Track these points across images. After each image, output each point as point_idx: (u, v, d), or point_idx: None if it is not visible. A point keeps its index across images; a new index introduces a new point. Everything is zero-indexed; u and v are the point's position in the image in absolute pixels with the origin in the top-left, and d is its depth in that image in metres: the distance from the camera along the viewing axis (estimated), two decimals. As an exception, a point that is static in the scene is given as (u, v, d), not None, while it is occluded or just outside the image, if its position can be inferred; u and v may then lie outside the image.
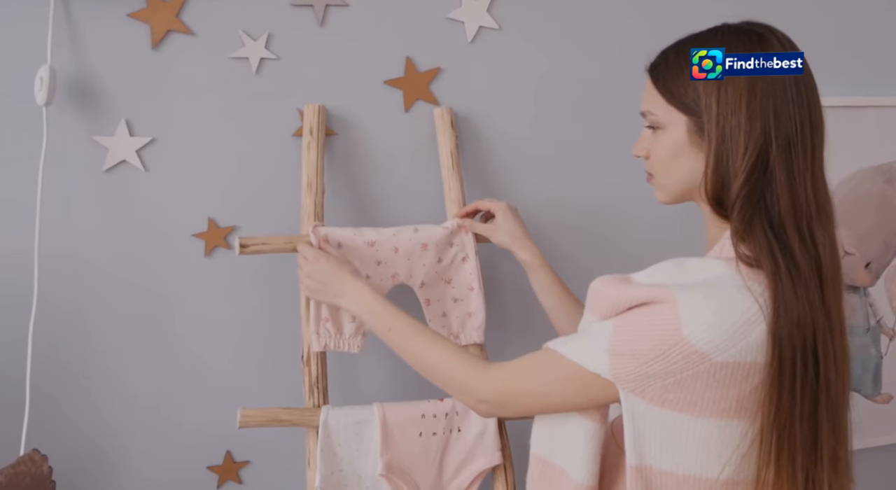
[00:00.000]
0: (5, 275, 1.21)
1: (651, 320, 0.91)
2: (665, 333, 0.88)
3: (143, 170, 1.26)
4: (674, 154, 1.01)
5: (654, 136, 1.03)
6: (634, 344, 0.91)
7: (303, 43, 1.30)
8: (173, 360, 1.31)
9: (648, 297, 0.91)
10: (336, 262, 1.18)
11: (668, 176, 1.03)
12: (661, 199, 1.06)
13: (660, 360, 0.88)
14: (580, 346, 0.96)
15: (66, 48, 1.20)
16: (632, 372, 0.90)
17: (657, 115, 1.02)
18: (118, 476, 1.30)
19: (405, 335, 1.10)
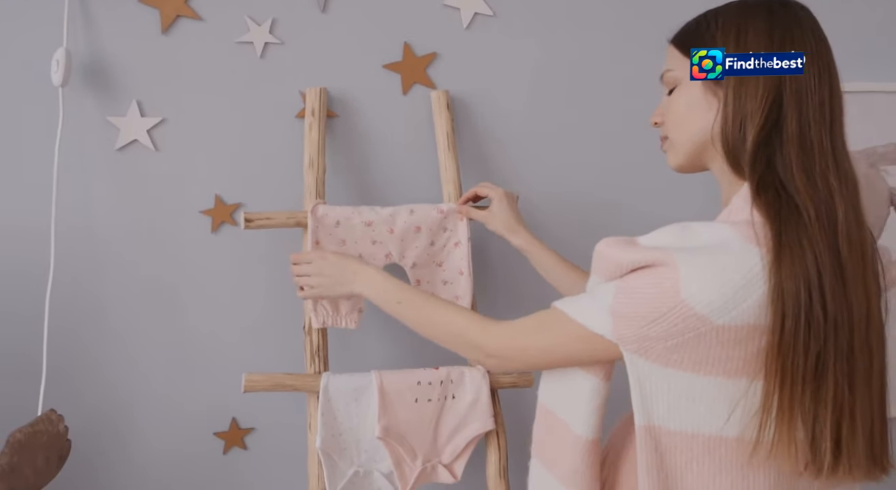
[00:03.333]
0: (23, 248, 1.30)
1: (651, 282, 0.92)
2: (664, 296, 0.90)
3: (153, 149, 1.34)
4: (689, 106, 1.02)
5: (671, 98, 1.04)
6: (635, 306, 0.93)
7: (305, 28, 1.38)
8: (182, 331, 1.39)
9: (651, 259, 0.93)
10: (337, 254, 1.24)
11: (683, 131, 1.04)
12: (674, 162, 1.06)
13: (659, 323, 0.90)
14: (584, 307, 0.98)
15: (80, 32, 1.29)
16: (633, 333, 0.92)
17: (674, 71, 1.03)
18: (129, 441, 1.38)
19: (414, 305, 1.15)
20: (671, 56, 1.04)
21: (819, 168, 0.94)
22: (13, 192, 1.31)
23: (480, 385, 1.34)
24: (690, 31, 1.03)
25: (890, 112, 1.75)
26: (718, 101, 1.00)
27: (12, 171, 1.30)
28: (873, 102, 1.72)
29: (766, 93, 0.96)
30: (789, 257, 0.87)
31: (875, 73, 1.72)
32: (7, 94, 1.28)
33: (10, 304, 1.31)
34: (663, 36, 1.03)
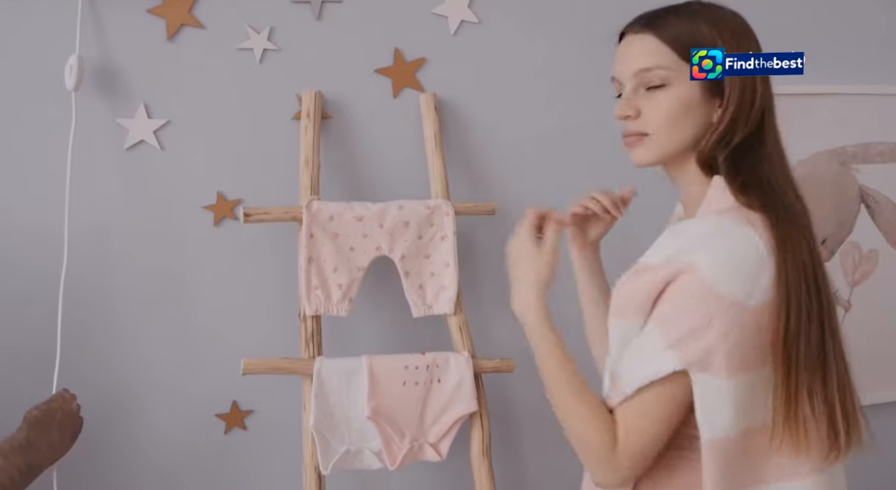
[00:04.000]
0: (39, 241, 1.39)
1: (683, 297, 0.94)
2: (702, 300, 0.92)
3: (159, 149, 1.43)
4: (686, 110, 1.02)
5: (654, 95, 1.03)
6: (685, 324, 0.93)
7: (301, 35, 1.47)
8: (185, 319, 1.48)
9: (668, 275, 0.95)
10: (534, 258, 1.10)
11: (674, 134, 1.03)
12: (647, 159, 1.05)
13: (712, 327, 0.91)
14: (645, 364, 0.96)
15: (92, 39, 1.38)
16: (696, 350, 0.93)
17: (666, 71, 1.02)
18: (136, 421, 1.47)
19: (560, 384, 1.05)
20: (658, 53, 1.02)
21: (789, 169, 1.03)
22: (29, 189, 1.39)
23: (464, 370, 1.43)
24: (683, 33, 1.03)
25: (858, 113, 1.83)
26: (712, 107, 1.02)
27: (29, 169, 1.39)
28: (843, 104, 1.81)
29: (761, 97, 1.02)
30: (790, 245, 0.93)
31: (846, 76, 1.80)
32: (23, 98, 1.37)
33: (28, 293, 1.40)
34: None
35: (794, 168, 1.24)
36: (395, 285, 1.46)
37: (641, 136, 1.05)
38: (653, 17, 1.06)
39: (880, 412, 1.88)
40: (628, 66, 1.05)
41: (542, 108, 1.58)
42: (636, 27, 1.06)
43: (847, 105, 1.82)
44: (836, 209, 1.83)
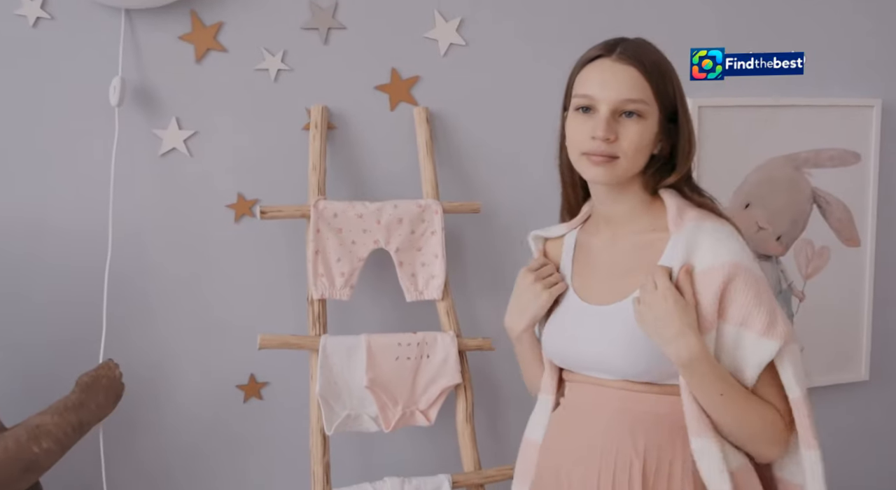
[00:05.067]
0: (87, 234, 1.58)
1: (748, 290, 1.11)
2: (760, 285, 1.12)
3: (188, 155, 1.63)
4: (649, 142, 1.15)
5: (630, 125, 1.13)
6: (763, 311, 1.11)
7: (310, 57, 1.66)
8: (210, 302, 1.67)
9: (724, 277, 1.11)
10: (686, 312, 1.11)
11: (637, 162, 1.16)
12: (612, 178, 1.15)
13: (774, 304, 1.13)
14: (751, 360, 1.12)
15: (132, 63, 1.58)
16: (780, 328, 1.11)
17: (646, 105, 1.13)
18: (168, 392, 1.67)
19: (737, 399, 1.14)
20: (642, 87, 1.13)
21: None
22: (79, 190, 1.58)
23: (450, 347, 1.62)
24: (656, 71, 1.15)
25: (811, 123, 1.98)
26: (661, 141, 1.17)
27: (79, 173, 1.58)
28: (799, 115, 1.96)
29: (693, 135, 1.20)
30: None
31: (801, 91, 1.96)
32: (74, 113, 1.56)
33: (78, 281, 1.59)
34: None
35: (752, 172, 1.45)
36: (390, 274, 1.64)
37: (612, 158, 1.14)
38: (635, 50, 1.15)
39: (830, 393, 2.07)
40: (614, 93, 1.13)
41: (521, 119, 1.77)
42: (621, 57, 1.14)
43: (801, 115, 1.98)
44: (790, 209, 2.00)
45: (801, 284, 2.03)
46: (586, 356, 1.22)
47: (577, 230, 1.32)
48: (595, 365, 1.21)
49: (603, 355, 1.20)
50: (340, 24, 1.67)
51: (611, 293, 1.21)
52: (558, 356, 1.27)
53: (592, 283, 1.25)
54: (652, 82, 1.14)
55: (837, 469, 2.07)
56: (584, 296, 1.25)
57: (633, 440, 1.16)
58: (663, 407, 1.18)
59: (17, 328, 1.58)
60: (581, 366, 1.24)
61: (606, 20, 1.81)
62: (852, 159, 2.03)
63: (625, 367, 1.18)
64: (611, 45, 1.17)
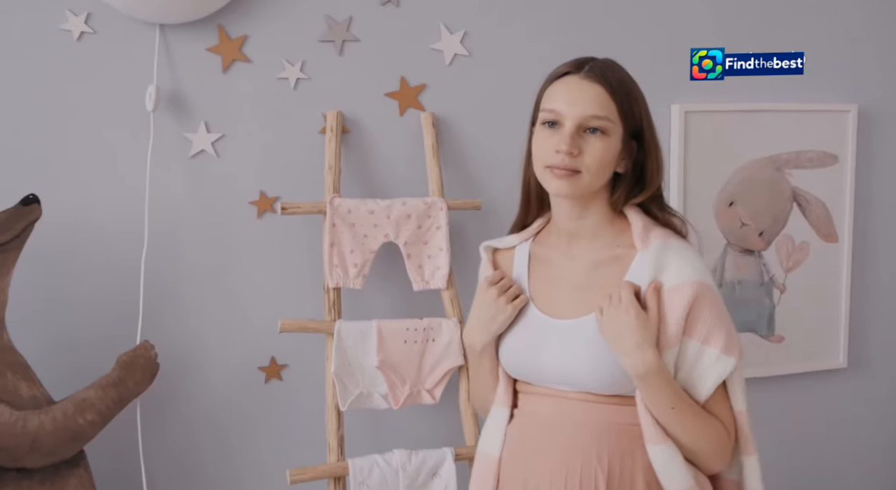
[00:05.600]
0: (125, 228, 1.73)
1: (712, 308, 1.15)
2: (720, 305, 1.17)
3: (216, 156, 1.77)
4: (612, 158, 1.17)
5: (595, 141, 1.15)
6: (724, 329, 1.16)
7: (327, 67, 1.80)
8: (234, 290, 1.81)
9: (691, 295, 1.14)
10: (647, 327, 1.14)
11: (600, 177, 1.18)
12: (574, 191, 1.17)
13: (731, 323, 1.18)
14: (709, 375, 1.16)
15: (165, 72, 1.73)
16: (736, 346, 1.17)
17: (610, 122, 1.15)
18: (196, 372, 1.81)
19: (687, 413, 1.17)
20: (608, 105, 1.15)
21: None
22: (118, 188, 1.72)
23: (453, 332, 1.75)
24: (622, 90, 1.17)
25: (791, 126, 2.09)
26: (624, 159, 1.19)
27: (118, 172, 1.72)
28: (779, 119, 2.07)
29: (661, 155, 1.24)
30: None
31: (781, 97, 2.07)
32: (113, 118, 1.71)
33: (117, 272, 1.73)
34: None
35: (736, 172, 1.50)
36: (399, 265, 1.78)
37: (574, 172, 1.16)
38: (602, 69, 1.18)
39: (810, 380, 2.20)
40: (580, 109, 1.15)
41: (518, 124, 1.84)
42: (588, 75, 1.17)
43: (782, 119, 2.08)
44: (771, 207, 2.11)
45: (783, 277, 2.15)
46: (549, 369, 1.23)
47: (528, 242, 1.33)
48: (558, 378, 1.22)
49: (567, 368, 1.21)
50: (354, 37, 1.82)
51: (574, 307, 1.22)
52: (519, 369, 1.28)
53: (552, 297, 1.26)
54: (617, 101, 1.16)
55: (817, 451, 2.23)
56: (545, 309, 1.25)
57: (597, 450, 1.18)
58: (624, 417, 1.20)
59: (64, 313, 1.74)
60: (543, 378, 1.24)
61: (607, 22, 1.93)
62: (830, 161, 2.14)
63: (588, 380, 1.20)
64: (579, 63, 1.20)
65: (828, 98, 2.13)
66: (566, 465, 1.19)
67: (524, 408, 1.28)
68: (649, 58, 1.95)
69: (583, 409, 1.21)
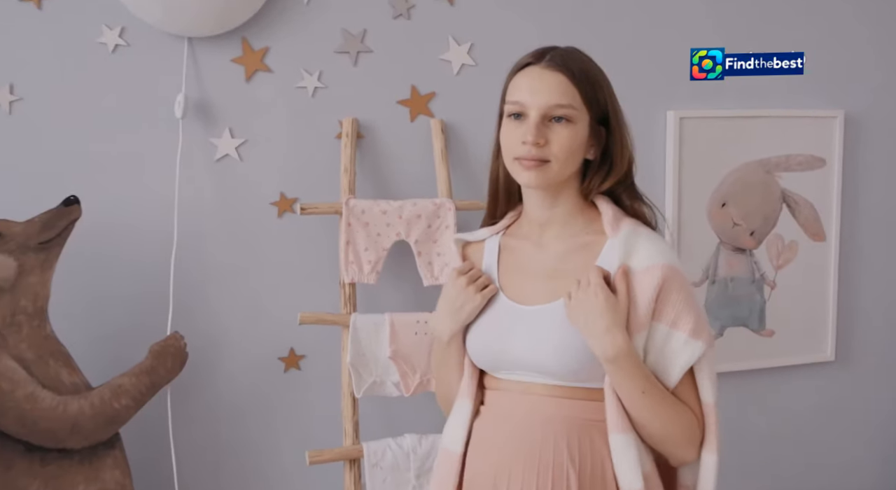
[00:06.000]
0: (157, 226, 1.85)
1: (681, 292, 1.14)
2: (690, 289, 1.16)
3: (239, 160, 1.90)
4: (579, 146, 1.16)
5: (560, 129, 1.13)
6: (693, 313, 1.14)
7: (342, 76, 1.92)
8: (256, 285, 1.93)
9: (659, 279, 1.14)
10: (616, 310, 1.13)
11: (569, 165, 1.17)
12: (544, 181, 1.16)
13: (700, 308, 1.17)
14: (677, 360, 1.14)
15: (193, 82, 1.85)
16: (707, 330, 1.15)
17: (575, 110, 1.14)
18: (221, 361, 1.93)
19: (657, 398, 1.16)
20: (570, 93, 1.14)
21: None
22: (150, 189, 1.84)
23: (461, 324, 1.90)
24: (585, 77, 1.16)
25: (781, 132, 2.19)
26: (593, 146, 1.19)
27: (150, 174, 1.84)
28: (770, 125, 2.17)
29: (631, 140, 1.23)
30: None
31: (772, 103, 2.17)
32: (145, 124, 1.83)
33: (148, 268, 1.85)
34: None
35: (728, 175, 1.55)
36: (410, 262, 1.87)
37: (543, 162, 1.16)
38: (563, 58, 1.16)
39: (799, 372, 2.30)
40: (543, 98, 1.14)
41: None
42: (549, 64, 1.16)
43: (772, 125, 2.19)
44: (762, 207, 2.21)
45: (773, 275, 2.26)
46: (515, 356, 1.21)
47: (499, 235, 1.32)
48: (525, 365, 1.21)
49: (533, 354, 1.19)
50: (368, 48, 1.94)
51: (544, 294, 1.22)
52: (485, 356, 1.25)
53: (522, 285, 1.25)
54: (580, 88, 1.15)
55: (805, 439, 2.34)
56: (514, 297, 1.24)
57: (568, 446, 1.17)
58: (593, 413, 1.19)
59: (101, 306, 1.87)
60: (509, 366, 1.23)
61: (607, 33, 2.03)
62: (818, 164, 2.24)
63: (555, 366, 1.18)
64: (541, 52, 1.19)
65: (816, 104, 2.23)
66: (537, 462, 1.17)
67: (491, 403, 1.26)
68: (647, 66, 2.06)
69: (552, 404, 1.19)
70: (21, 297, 1.64)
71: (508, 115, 1.20)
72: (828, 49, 2.23)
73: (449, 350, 1.29)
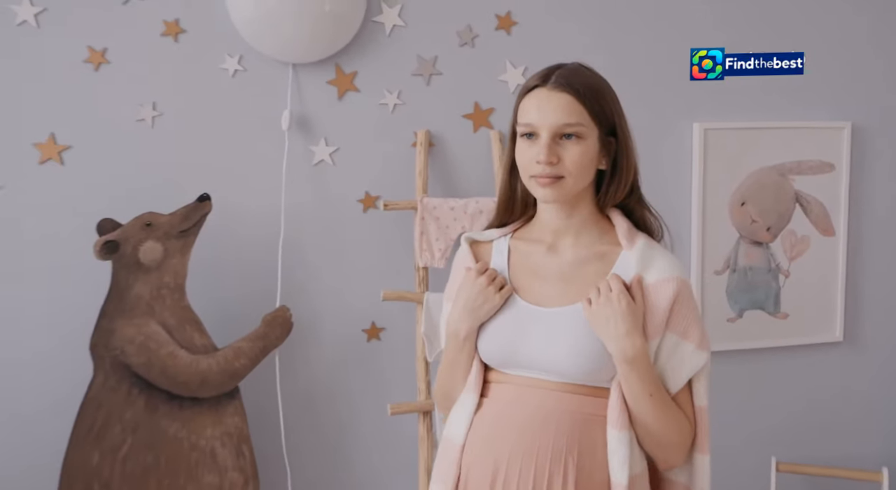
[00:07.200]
0: (267, 219, 2.20)
1: (690, 303, 1.17)
2: (695, 303, 1.19)
3: (332, 164, 2.26)
4: (591, 160, 1.19)
5: (571, 146, 1.16)
6: (699, 325, 1.18)
7: (418, 94, 2.26)
8: (345, 269, 2.26)
9: (673, 291, 1.17)
10: (636, 315, 1.16)
11: (583, 179, 1.20)
12: (560, 197, 1.18)
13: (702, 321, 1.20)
14: (682, 369, 1.17)
15: (296, 100, 2.21)
16: (707, 341, 1.18)
17: (583, 127, 1.16)
18: (313, 330, 2.27)
19: (662, 402, 1.18)
20: (577, 111, 1.16)
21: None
22: (261, 187, 2.16)
23: (516, 302, 2.24)
24: (592, 95, 1.17)
25: (794, 140, 2.42)
26: (604, 158, 1.21)
27: (262, 175, 2.17)
28: (782, 135, 2.42)
29: (635, 153, 1.25)
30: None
31: (782, 115, 2.42)
32: (258, 135, 2.18)
33: (261, 252, 2.18)
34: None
35: (746, 178, 1.78)
36: None
37: (558, 178, 1.18)
38: (568, 77, 1.18)
39: (810, 351, 2.54)
40: (552, 119, 1.16)
41: None
42: (555, 85, 1.17)
43: (787, 135, 2.44)
44: (777, 206, 2.47)
45: (787, 265, 2.51)
46: (529, 355, 1.23)
47: (508, 237, 1.34)
48: (537, 364, 1.23)
49: (548, 355, 1.21)
50: (438, 71, 2.29)
51: (558, 297, 1.24)
52: (498, 356, 1.27)
53: (537, 288, 1.27)
54: (587, 105, 1.17)
55: (815, 410, 2.61)
56: (528, 299, 1.26)
57: (568, 439, 1.19)
58: (595, 408, 1.21)
59: (224, 283, 2.22)
60: (521, 364, 1.24)
61: (644, 45, 2.29)
62: (828, 168, 2.48)
63: (568, 367, 1.20)
64: (546, 74, 1.21)
65: (826, 116, 2.48)
66: (536, 453, 1.19)
67: (495, 396, 1.27)
68: (677, 82, 2.34)
69: (556, 398, 1.22)
70: (165, 275, 2.03)
71: (521, 136, 1.23)
72: (837, 66, 2.49)
73: (463, 347, 1.29)
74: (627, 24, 2.35)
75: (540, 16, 2.31)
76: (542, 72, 1.22)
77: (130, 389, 1.98)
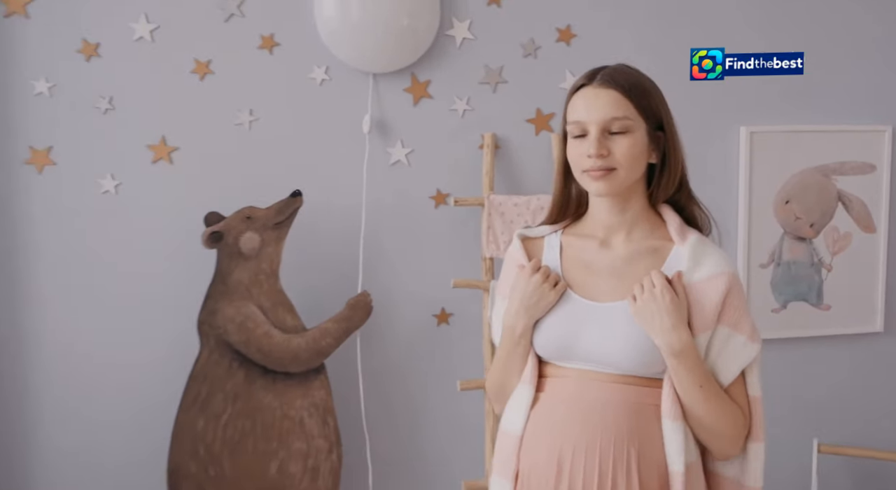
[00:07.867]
0: (351, 211, 2.41)
1: (741, 297, 1.19)
2: (744, 296, 1.19)
3: (407, 164, 2.46)
4: (641, 152, 1.21)
5: (621, 139, 1.18)
6: (749, 317, 1.19)
7: (486, 102, 2.46)
8: (418, 259, 2.44)
9: (725, 285, 1.19)
10: (680, 310, 1.17)
11: (635, 171, 1.22)
12: (613, 189, 1.20)
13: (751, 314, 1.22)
14: (735, 361, 1.19)
15: (376, 105, 2.42)
16: (758, 333, 1.20)
17: (630, 121, 1.18)
18: (392, 315, 2.46)
19: (712, 392, 1.19)
20: (624, 105, 1.19)
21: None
22: (345, 184, 2.34)
23: (574, 291, 2.45)
24: (637, 90, 1.20)
25: (835, 142, 2.55)
26: (654, 151, 1.23)
27: (345, 173, 2.35)
28: (823, 138, 2.56)
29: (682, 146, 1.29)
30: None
31: (822, 119, 2.56)
32: (343, 138, 2.38)
33: (345, 243, 2.39)
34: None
35: (791, 178, 1.92)
36: None
37: (609, 170, 1.21)
38: (613, 75, 1.21)
39: (852, 341, 2.68)
40: (599, 114, 1.20)
41: None
42: (601, 82, 1.21)
43: (830, 138, 2.58)
44: (819, 204, 2.61)
45: (829, 259, 2.64)
46: (586, 349, 1.26)
47: (559, 233, 1.37)
48: (593, 357, 1.25)
49: (604, 348, 1.24)
50: (503, 80, 2.49)
51: (611, 292, 1.27)
52: (555, 350, 1.29)
53: (590, 283, 1.29)
54: (633, 99, 1.20)
55: (857, 396, 2.76)
56: (583, 294, 1.29)
57: (628, 428, 1.21)
58: (649, 397, 1.24)
59: (313, 271, 2.43)
60: (577, 357, 1.27)
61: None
62: (869, 169, 2.60)
63: (623, 360, 1.23)
64: (592, 73, 1.25)
65: (868, 121, 2.63)
66: (600, 442, 1.21)
67: (552, 389, 1.30)
68: (726, 88, 2.50)
69: (612, 389, 1.24)
70: (262, 262, 2.26)
71: (573, 137, 1.27)
72: (878, 72, 2.64)
73: (520, 343, 1.32)
74: (676, 33, 2.52)
75: (598, 29, 2.51)
76: (588, 72, 1.26)
77: (231, 363, 2.21)
